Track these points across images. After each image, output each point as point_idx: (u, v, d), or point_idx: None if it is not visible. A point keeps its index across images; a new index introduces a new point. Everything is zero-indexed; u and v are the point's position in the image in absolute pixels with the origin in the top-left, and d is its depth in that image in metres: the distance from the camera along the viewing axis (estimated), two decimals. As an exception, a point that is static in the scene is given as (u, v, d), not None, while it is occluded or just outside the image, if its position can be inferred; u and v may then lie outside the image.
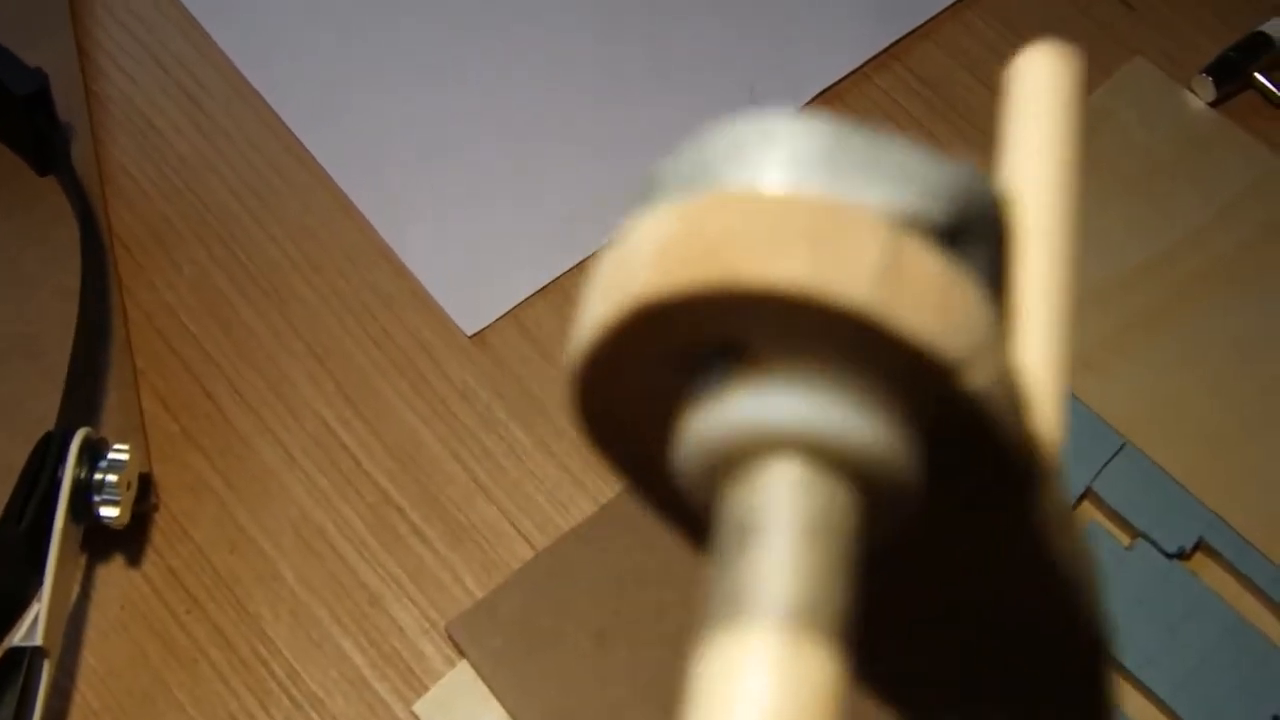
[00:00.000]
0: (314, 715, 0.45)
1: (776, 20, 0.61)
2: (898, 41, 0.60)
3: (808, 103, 0.59)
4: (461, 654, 0.46)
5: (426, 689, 0.46)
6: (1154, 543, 0.49)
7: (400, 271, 0.53)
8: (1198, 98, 0.60)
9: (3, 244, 0.53)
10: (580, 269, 0.54)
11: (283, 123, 0.57)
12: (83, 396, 0.48)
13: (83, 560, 0.47)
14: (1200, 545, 0.50)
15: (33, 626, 0.42)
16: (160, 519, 0.48)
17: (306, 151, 0.56)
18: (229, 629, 0.46)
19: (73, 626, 0.46)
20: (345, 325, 0.52)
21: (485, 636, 0.46)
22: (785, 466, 0.15)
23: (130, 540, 0.47)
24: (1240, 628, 0.48)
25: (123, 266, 0.53)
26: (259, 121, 0.57)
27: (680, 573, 0.47)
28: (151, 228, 0.54)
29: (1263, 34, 0.60)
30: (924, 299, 0.15)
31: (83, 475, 0.44)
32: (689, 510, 0.16)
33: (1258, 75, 0.59)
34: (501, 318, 0.53)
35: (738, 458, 0.15)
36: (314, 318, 0.52)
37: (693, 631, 0.15)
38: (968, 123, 0.59)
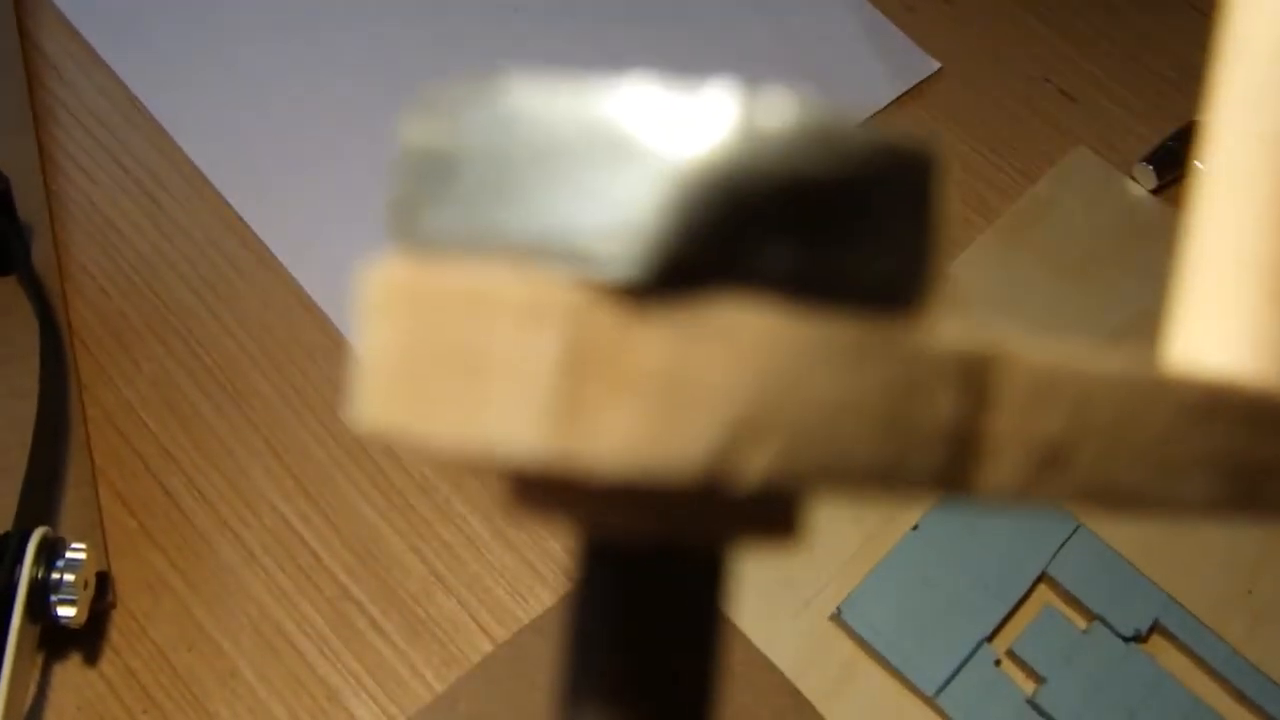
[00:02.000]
0: (272, 815, 0.45)
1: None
2: (847, 134, 0.62)
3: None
4: (421, 750, 0.46)
5: (386, 786, 0.46)
6: (1110, 626, 0.50)
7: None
8: (1139, 185, 0.61)
9: (-39, 344, 0.53)
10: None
11: (242, 220, 0.58)
12: (40, 496, 0.48)
13: (39, 660, 0.46)
14: (1156, 627, 0.50)
15: (-14, 730, 0.42)
16: (118, 617, 0.48)
17: (265, 248, 0.57)
18: (186, 729, 0.46)
19: (28, 729, 0.45)
20: (304, 420, 0.52)
21: (445, 732, 0.46)
22: None
23: (87, 639, 0.47)
24: (1198, 711, 0.49)
25: (82, 364, 0.53)
26: (218, 219, 0.58)
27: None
28: (111, 326, 0.55)
29: (1199, 124, 0.62)
30: (621, 414, 0.11)
31: (40, 575, 0.44)
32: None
33: (1197, 163, 0.61)
34: (460, 410, 0.53)
35: None
36: (273, 413, 0.53)
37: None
38: (916, 212, 0.60)
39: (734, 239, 0.11)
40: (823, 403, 0.12)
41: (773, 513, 0.14)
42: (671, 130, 0.11)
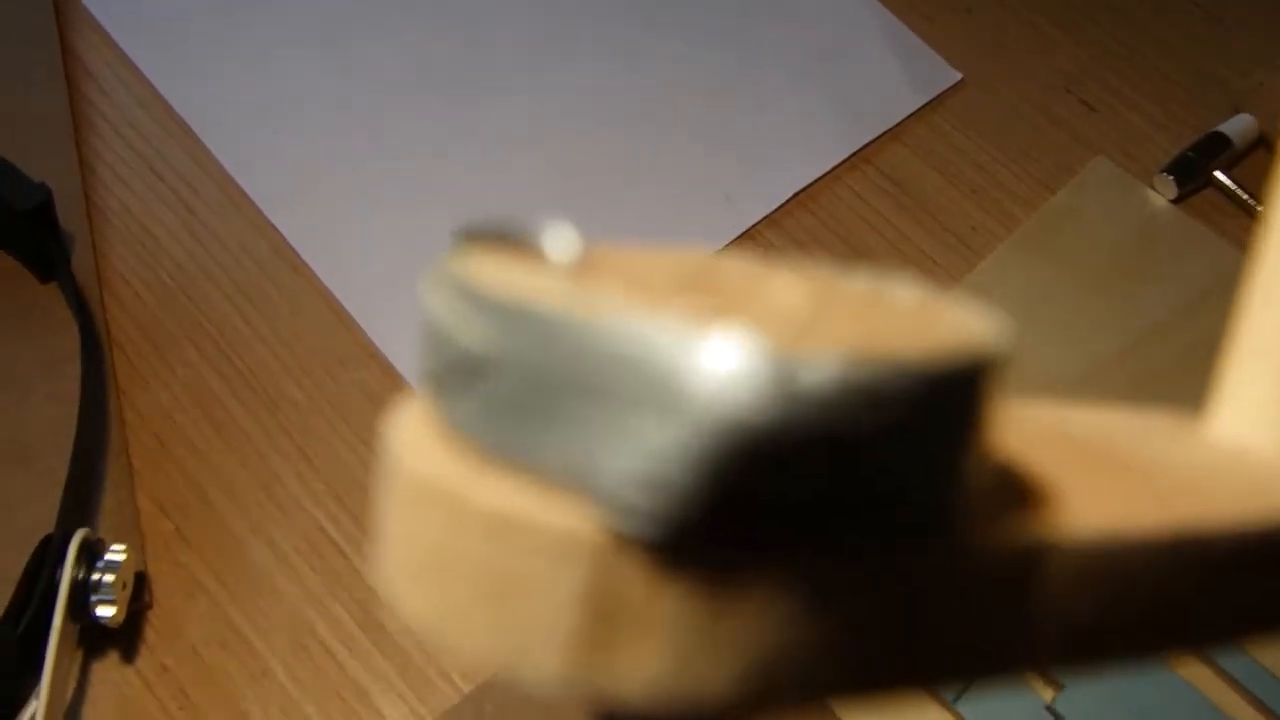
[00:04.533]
0: (303, 811, 0.46)
1: (752, 125, 0.63)
2: (868, 144, 0.63)
3: (782, 204, 0.61)
4: (448, 748, 0.47)
5: (414, 784, 0.47)
6: (1127, 631, 0.50)
7: (387, 371, 0.55)
8: (1160, 195, 0.62)
9: (2, 351, 0.54)
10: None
11: (274, 228, 0.59)
12: (81, 499, 0.50)
13: (79, 658, 0.48)
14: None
15: (28, 726, 0.43)
16: (154, 617, 0.49)
17: (297, 256, 0.58)
18: (220, 726, 0.47)
19: (67, 725, 0.47)
20: (334, 425, 0.54)
21: (471, 731, 0.47)
22: None
23: (125, 638, 0.48)
24: (1214, 717, 0.49)
25: (120, 370, 0.55)
26: (251, 227, 0.59)
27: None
28: (147, 332, 0.56)
29: (1220, 134, 0.62)
30: (642, 656, 0.11)
31: (80, 576, 0.45)
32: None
33: (1217, 174, 0.62)
34: (487, 416, 0.54)
35: None
36: (304, 418, 0.54)
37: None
38: (936, 221, 0.61)
39: (762, 492, 0.11)
40: (846, 644, 0.12)
41: None
42: (711, 382, 0.10)
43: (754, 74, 0.65)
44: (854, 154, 0.62)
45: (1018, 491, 0.14)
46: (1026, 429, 0.16)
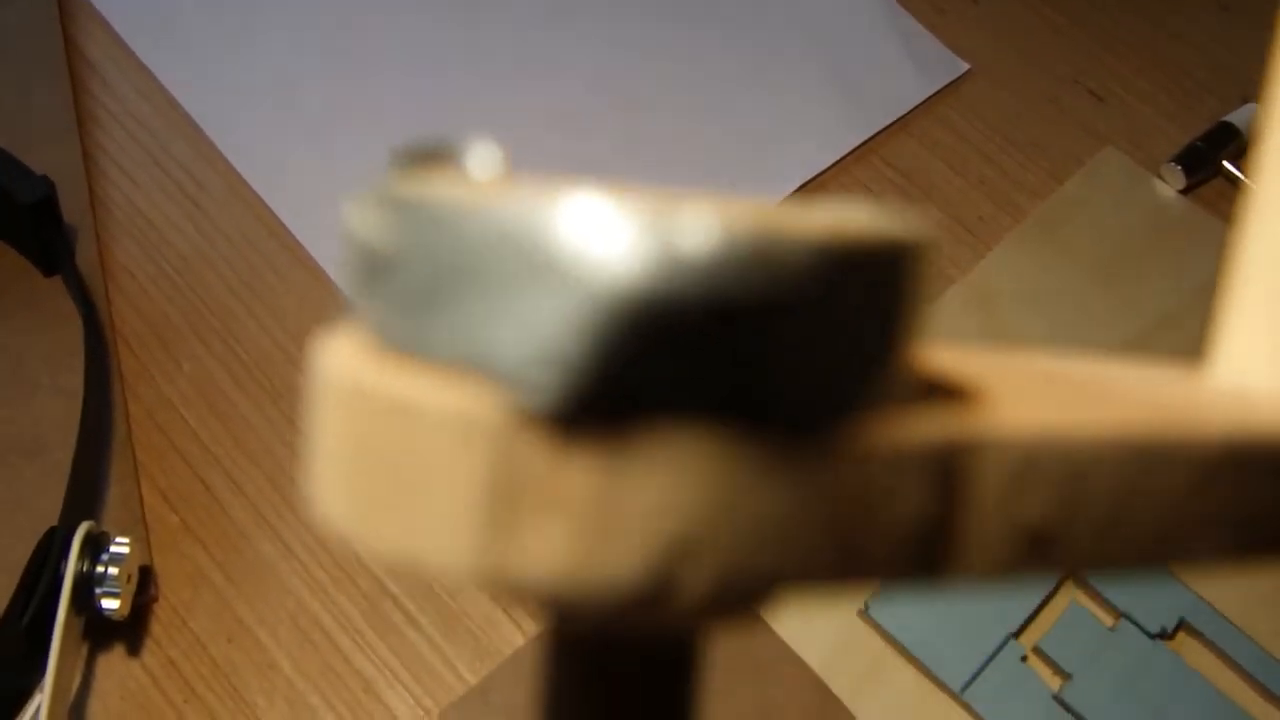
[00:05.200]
0: (310, 804, 0.46)
1: (761, 116, 0.63)
2: (876, 135, 0.62)
3: (789, 195, 0.60)
4: (455, 741, 0.47)
5: (421, 776, 0.47)
6: (1136, 623, 0.50)
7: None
8: (1168, 185, 0.62)
9: (7, 345, 0.54)
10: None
11: (279, 220, 0.59)
12: (85, 492, 0.49)
13: (84, 651, 0.48)
14: (1182, 625, 0.51)
15: (35, 717, 0.43)
16: (160, 610, 0.49)
17: (302, 248, 0.58)
18: (226, 718, 0.47)
19: (74, 717, 0.46)
20: (341, 418, 0.53)
21: (478, 723, 0.47)
22: None
23: (130, 631, 0.48)
24: (1225, 708, 0.49)
25: (124, 363, 0.55)
26: (255, 219, 0.59)
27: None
28: (153, 325, 0.56)
29: (1228, 124, 0.62)
30: (550, 537, 0.11)
31: (85, 569, 0.45)
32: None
33: (1225, 163, 0.61)
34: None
35: None
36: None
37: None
38: (944, 212, 0.60)
39: (658, 363, 0.11)
40: (764, 519, 0.11)
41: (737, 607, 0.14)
42: (596, 254, 0.10)
43: (762, 64, 0.64)
44: (862, 144, 0.62)
45: (952, 397, 0.13)
46: (981, 359, 0.16)
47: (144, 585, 0.48)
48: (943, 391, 0.14)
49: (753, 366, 0.11)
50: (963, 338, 0.57)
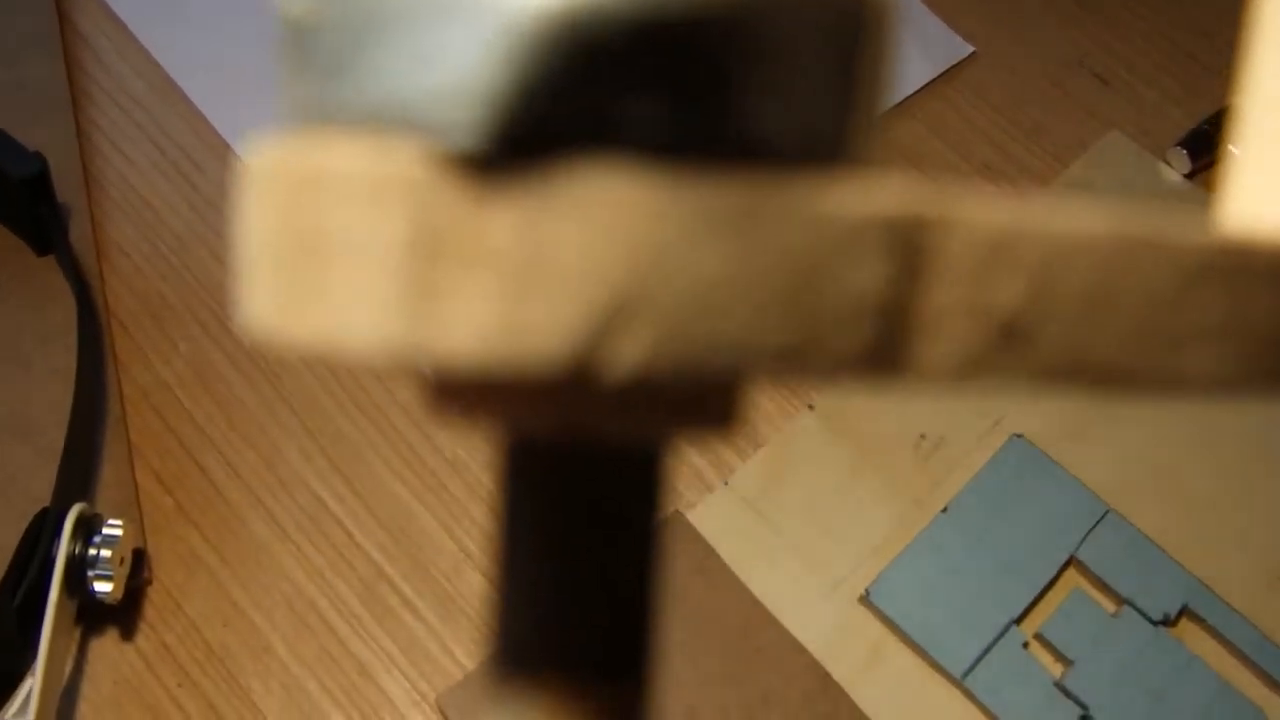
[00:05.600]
0: (305, 789, 0.46)
1: None
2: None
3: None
4: (452, 726, 0.47)
5: (417, 762, 0.46)
6: (1139, 610, 0.50)
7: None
8: (1173, 170, 0.61)
9: (1, 324, 0.54)
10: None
11: (277, 201, 0.58)
12: (78, 473, 0.49)
13: (76, 635, 0.47)
14: (1185, 611, 0.50)
15: (26, 702, 0.43)
16: (154, 593, 0.48)
17: (300, 229, 0.57)
18: (221, 703, 0.46)
19: (66, 702, 0.46)
20: (338, 400, 0.53)
21: (475, 709, 0.46)
22: None
23: (124, 615, 0.48)
24: (1227, 695, 0.48)
25: (119, 344, 0.54)
26: (253, 200, 0.58)
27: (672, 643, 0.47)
28: (148, 305, 0.55)
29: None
30: (473, 300, 0.10)
31: (77, 551, 0.45)
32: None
33: (1232, 148, 0.61)
34: (491, 391, 0.53)
35: None
36: (307, 393, 0.53)
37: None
38: (948, 196, 0.60)
39: (588, 95, 0.10)
40: (706, 279, 0.10)
41: (700, 402, 0.13)
42: None
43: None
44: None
45: (922, 192, 0.12)
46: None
47: (137, 568, 0.47)
48: (910, 179, 0.13)
49: (689, 95, 0.10)
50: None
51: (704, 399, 0.13)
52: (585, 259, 0.10)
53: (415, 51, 0.10)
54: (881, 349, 0.11)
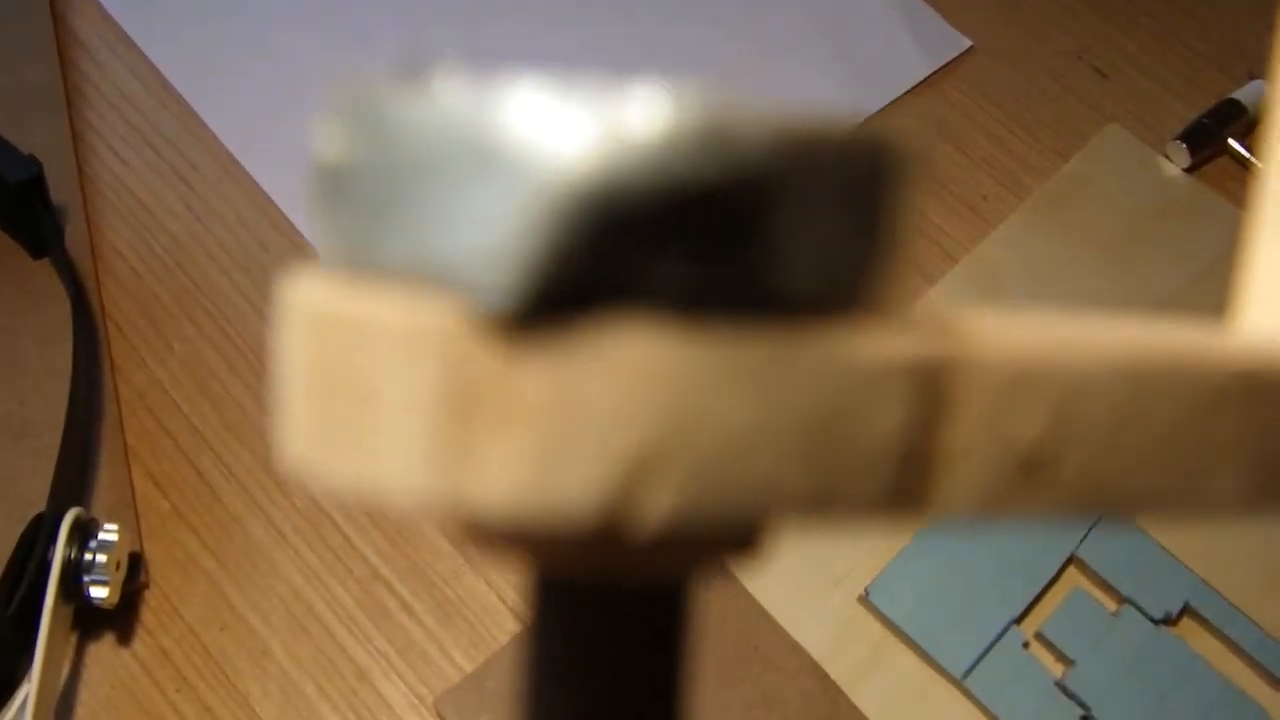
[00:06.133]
0: (303, 793, 0.46)
1: (760, 92, 0.62)
2: (878, 112, 0.62)
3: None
4: (450, 729, 0.46)
5: (415, 765, 0.46)
6: (1140, 608, 0.50)
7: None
8: (1172, 163, 0.61)
9: (-4, 326, 0.54)
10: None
11: (271, 201, 0.58)
12: (74, 476, 0.49)
13: (73, 640, 0.47)
14: (1186, 610, 0.50)
15: (22, 708, 0.43)
16: (151, 597, 0.48)
17: (295, 228, 0.57)
18: (218, 707, 0.46)
19: (63, 707, 0.46)
20: (334, 401, 0.53)
21: (473, 712, 0.46)
22: None
23: (120, 620, 0.48)
24: (1229, 693, 0.48)
25: (115, 346, 0.54)
26: (248, 201, 0.58)
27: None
28: (143, 307, 0.55)
29: (1235, 101, 0.61)
30: (504, 453, 0.10)
31: (73, 556, 0.45)
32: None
33: (1231, 141, 0.61)
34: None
35: None
36: (303, 394, 0.53)
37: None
38: (947, 190, 0.60)
39: (616, 257, 0.10)
40: (732, 431, 0.10)
41: (724, 540, 0.13)
42: (543, 143, 0.10)
43: (763, 42, 0.64)
44: (863, 123, 0.61)
45: (944, 322, 0.12)
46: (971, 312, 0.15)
47: (134, 572, 0.47)
48: (928, 317, 0.13)
49: (714, 259, 0.10)
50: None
51: (729, 537, 0.13)
52: (615, 415, 0.10)
53: (448, 209, 0.10)
54: (904, 491, 0.11)
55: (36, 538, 0.44)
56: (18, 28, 0.62)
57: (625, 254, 0.10)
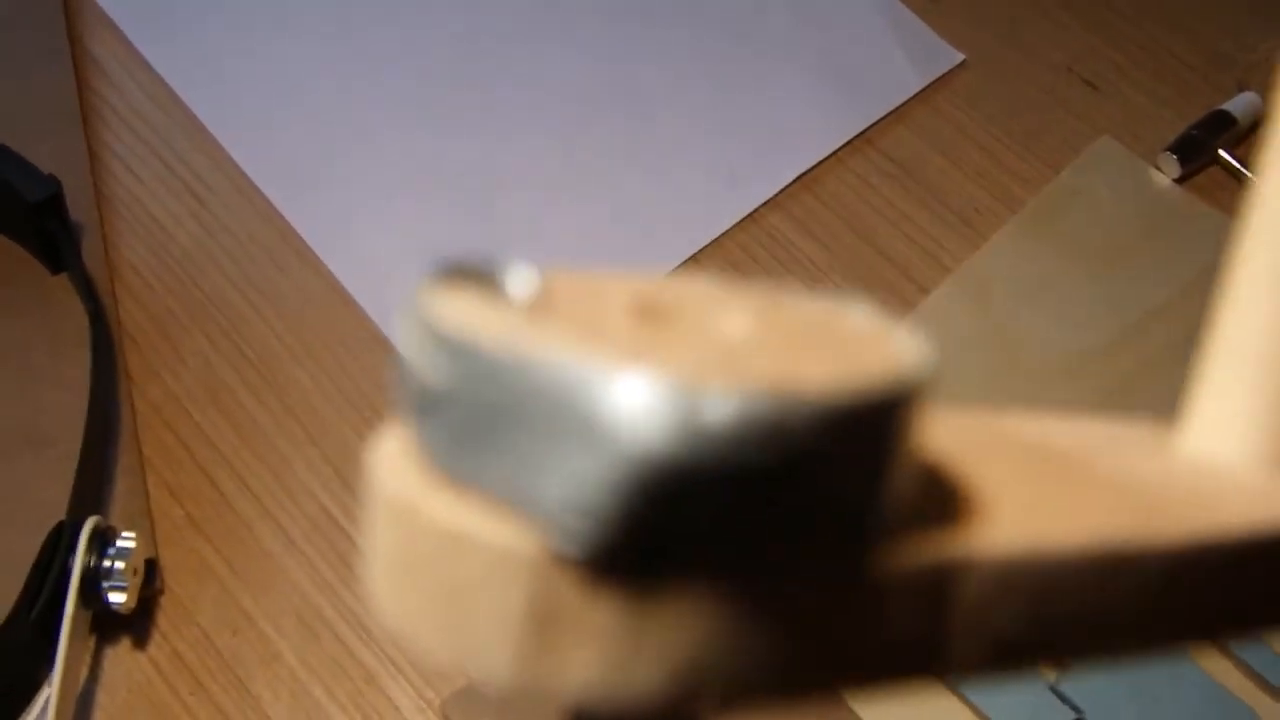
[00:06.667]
0: (314, 792, 0.47)
1: (755, 108, 0.63)
2: (871, 126, 0.63)
3: (785, 187, 0.61)
4: (456, 730, 0.48)
5: (422, 765, 0.47)
6: (1130, 610, 0.50)
7: (395, 357, 0.55)
8: (1163, 174, 0.62)
9: (15, 341, 0.55)
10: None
11: (282, 216, 0.59)
12: (92, 485, 0.50)
13: (91, 644, 0.48)
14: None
15: (44, 710, 0.44)
16: (165, 603, 0.50)
17: (305, 244, 0.59)
18: (231, 710, 0.48)
19: (81, 709, 0.47)
20: (342, 412, 0.54)
21: (478, 716, 0.47)
22: None
23: (137, 624, 0.49)
24: (1220, 696, 0.49)
25: (131, 359, 0.55)
26: (259, 216, 0.60)
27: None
28: (158, 321, 0.57)
29: (1225, 112, 0.62)
30: (582, 659, 0.12)
31: (92, 563, 0.46)
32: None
33: (1222, 152, 0.62)
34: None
35: None
36: (313, 405, 0.54)
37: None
38: (940, 203, 0.61)
39: (682, 521, 0.12)
40: (769, 650, 0.13)
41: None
42: (630, 420, 0.11)
43: (757, 57, 0.65)
44: (856, 136, 0.62)
45: (941, 506, 0.14)
46: (970, 436, 0.17)
47: (150, 578, 0.49)
48: (934, 495, 0.15)
49: (765, 523, 0.12)
50: (959, 330, 0.57)
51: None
52: (673, 641, 0.12)
53: (539, 457, 0.12)
54: (903, 673, 0.14)
55: (57, 545, 0.46)
56: (36, 50, 0.63)
57: (682, 514, 0.12)
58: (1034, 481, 0.16)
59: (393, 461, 0.14)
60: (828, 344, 0.13)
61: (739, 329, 0.13)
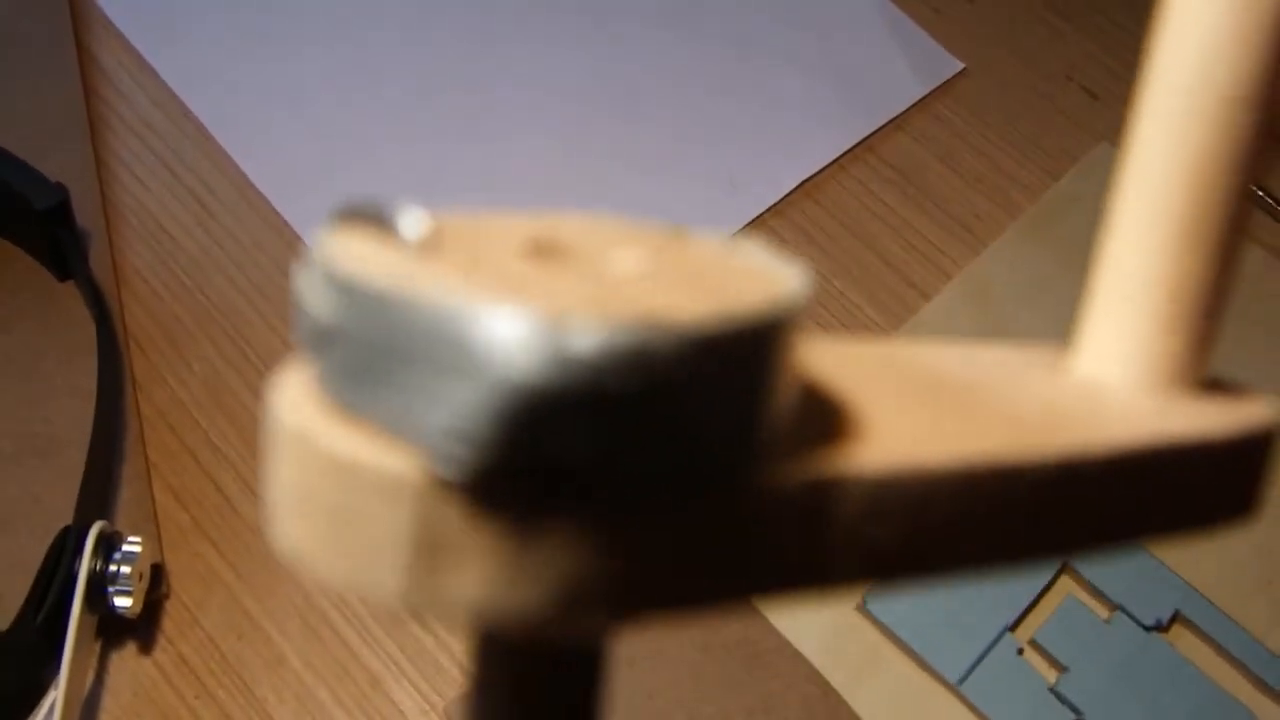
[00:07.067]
0: (318, 796, 0.47)
1: (757, 115, 0.64)
2: (872, 134, 0.63)
3: (787, 194, 0.61)
4: (460, 734, 0.48)
5: (426, 768, 0.48)
6: (1131, 615, 0.51)
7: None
8: (1163, 181, 0.62)
9: (23, 347, 0.55)
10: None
11: (288, 224, 0.60)
12: (99, 491, 0.51)
13: (97, 648, 0.49)
14: (1177, 617, 0.51)
15: (49, 713, 0.44)
16: (171, 607, 0.50)
17: (308, 250, 0.59)
18: (236, 713, 0.48)
19: (87, 712, 0.48)
20: (347, 418, 0.54)
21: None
22: None
23: (142, 629, 0.49)
24: (1219, 699, 0.49)
25: (137, 365, 0.56)
26: (266, 224, 0.60)
27: (672, 655, 0.49)
28: (164, 327, 0.57)
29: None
30: (468, 578, 0.13)
31: (98, 567, 0.46)
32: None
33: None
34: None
35: None
36: (318, 411, 0.55)
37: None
38: (940, 209, 0.61)
39: (555, 442, 0.12)
40: (649, 563, 0.13)
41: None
42: (502, 350, 0.12)
43: (758, 65, 0.65)
44: (858, 143, 0.63)
45: (821, 428, 0.15)
46: (858, 364, 0.17)
47: (155, 583, 0.49)
48: (815, 419, 0.15)
49: (640, 446, 0.13)
50: (960, 334, 0.57)
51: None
52: (555, 557, 0.13)
53: (424, 388, 0.13)
54: (786, 583, 0.15)
55: (64, 550, 0.46)
56: (44, 59, 0.64)
57: (555, 441, 0.12)
58: (916, 405, 0.16)
59: (293, 395, 0.14)
60: (714, 279, 0.14)
61: (631, 266, 0.14)
